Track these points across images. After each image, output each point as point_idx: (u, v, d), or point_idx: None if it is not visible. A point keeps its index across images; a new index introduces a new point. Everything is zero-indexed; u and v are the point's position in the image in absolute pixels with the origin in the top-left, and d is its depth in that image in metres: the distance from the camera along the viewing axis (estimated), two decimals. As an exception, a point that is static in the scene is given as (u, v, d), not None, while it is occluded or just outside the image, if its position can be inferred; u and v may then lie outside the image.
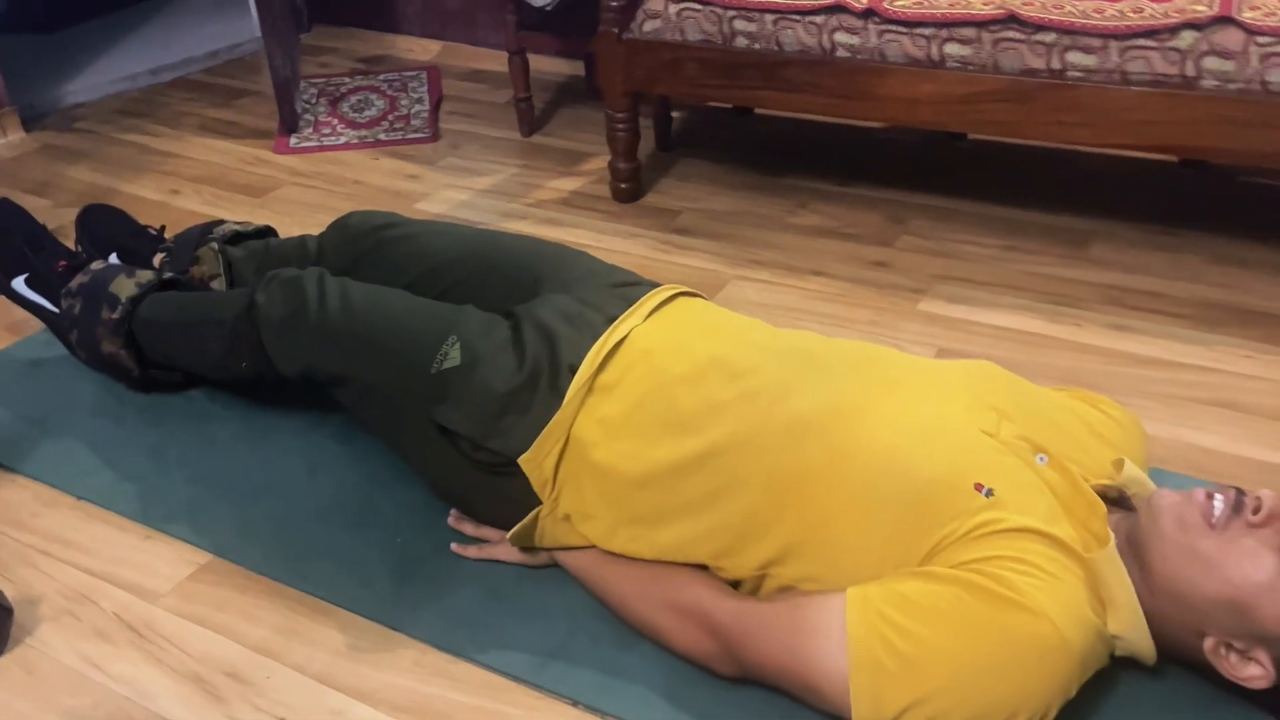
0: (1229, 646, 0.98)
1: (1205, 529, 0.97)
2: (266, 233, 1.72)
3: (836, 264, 1.95)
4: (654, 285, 1.34)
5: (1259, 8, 1.62)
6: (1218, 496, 0.99)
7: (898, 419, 1.08)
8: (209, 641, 1.17)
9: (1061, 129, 1.76)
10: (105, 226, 1.80)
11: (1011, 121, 1.78)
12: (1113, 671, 1.07)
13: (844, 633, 0.95)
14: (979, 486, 1.00)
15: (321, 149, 2.54)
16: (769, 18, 1.90)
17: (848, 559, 1.03)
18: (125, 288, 1.51)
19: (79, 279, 1.55)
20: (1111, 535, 1.01)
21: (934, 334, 1.72)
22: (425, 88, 2.91)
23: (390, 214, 1.58)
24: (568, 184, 2.33)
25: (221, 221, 1.73)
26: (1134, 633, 1.00)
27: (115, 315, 1.48)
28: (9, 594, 1.21)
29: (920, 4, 1.80)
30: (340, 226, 1.57)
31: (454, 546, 1.27)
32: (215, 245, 1.62)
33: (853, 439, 1.06)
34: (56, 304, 1.59)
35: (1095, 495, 1.05)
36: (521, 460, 1.16)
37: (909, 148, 2.39)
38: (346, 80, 2.98)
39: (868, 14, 1.82)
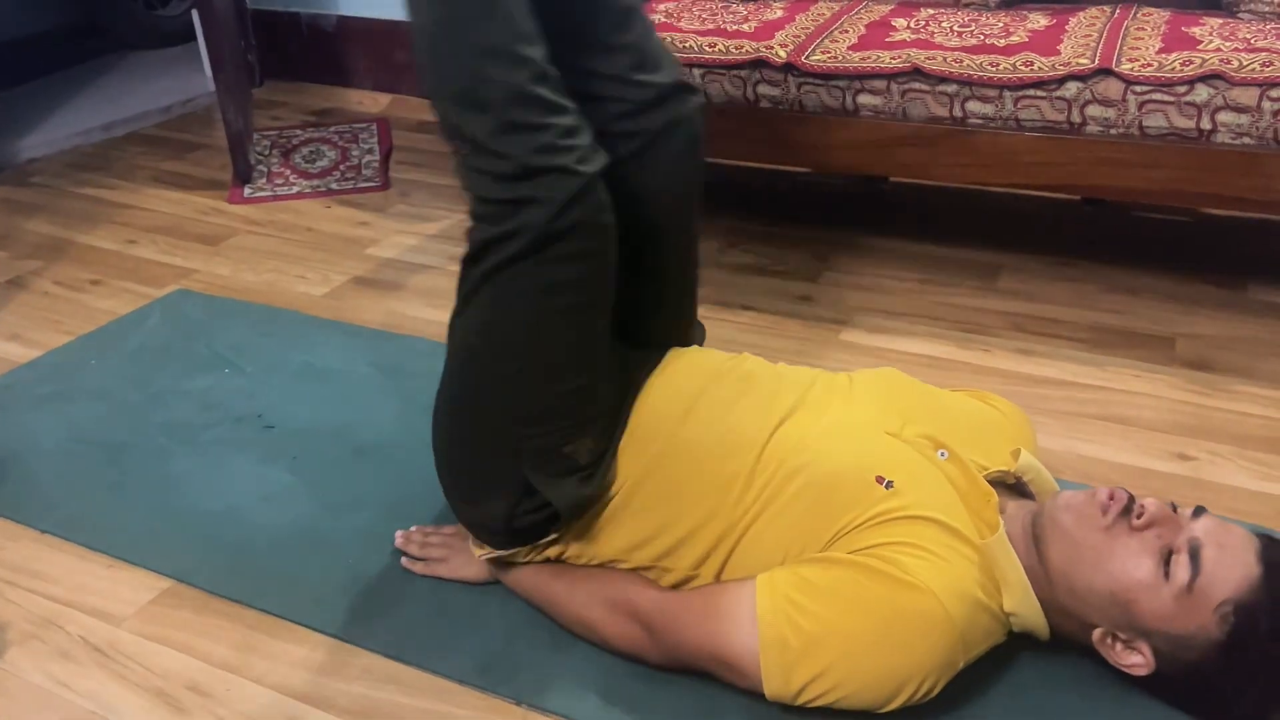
0: (1115, 637, 1.09)
1: (1097, 528, 1.08)
2: None
3: (764, 298, 2.08)
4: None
5: (1136, 60, 1.78)
6: (1112, 499, 1.10)
7: (813, 425, 1.20)
8: (171, 659, 1.24)
9: (965, 171, 1.91)
10: None
11: (919, 164, 1.93)
12: (1021, 653, 1.19)
13: (754, 615, 1.05)
14: (880, 479, 1.12)
15: (275, 199, 2.63)
16: (697, 72, 2.04)
17: (761, 550, 1.14)
18: None
19: None
20: (1001, 522, 1.12)
21: (854, 361, 1.84)
22: (375, 138, 3.02)
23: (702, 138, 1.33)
24: (512, 228, 2.44)
25: None
26: (1025, 608, 1.11)
27: None
28: (-24, 621, 1.28)
29: (834, 58, 1.95)
30: (674, 102, 1.28)
31: (404, 562, 1.35)
32: None
33: (776, 446, 1.17)
34: None
35: (988, 486, 1.16)
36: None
37: (833, 191, 2.54)
38: (299, 132, 3.08)
39: (787, 68, 1.97)
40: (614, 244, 1.16)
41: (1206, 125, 1.72)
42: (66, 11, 3.92)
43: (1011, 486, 1.24)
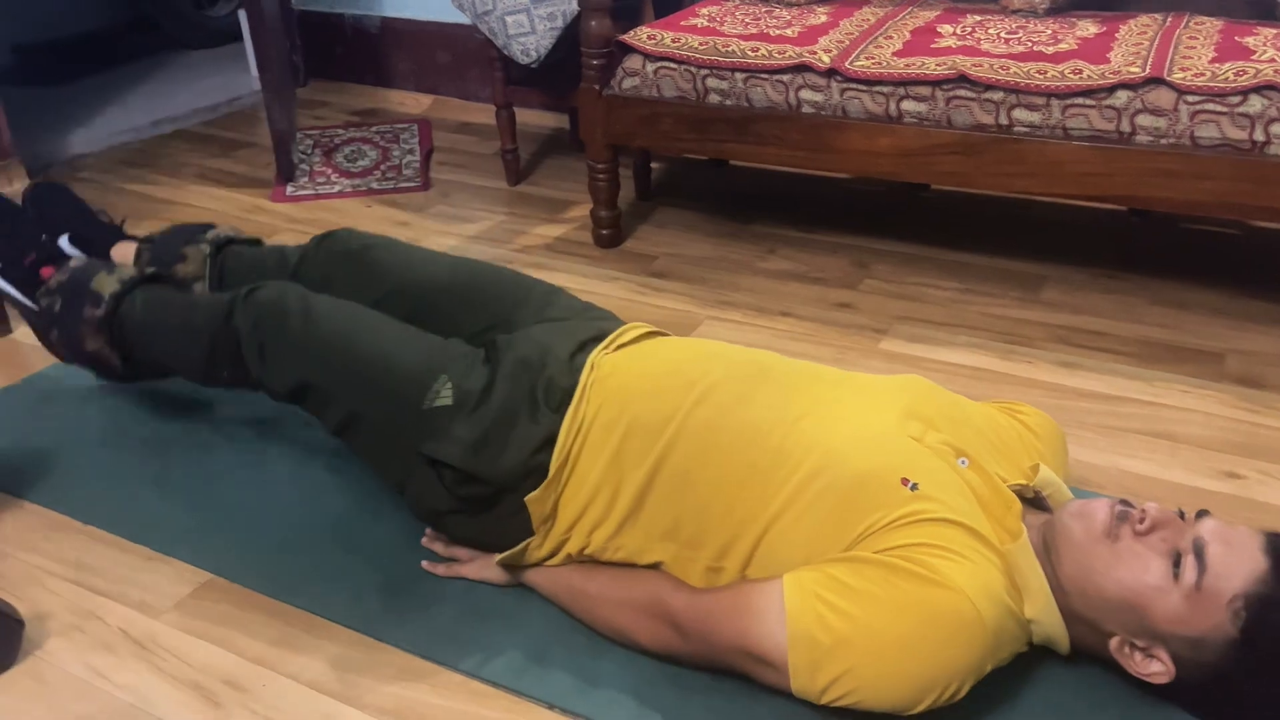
0: (1132, 645, 1.08)
1: (1104, 535, 1.09)
2: (256, 244, 1.74)
3: (803, 305, 2.06)
4: (623, 323, 1.45)
5: (1188, 69, 1.75)
6: (1117, 507, 1.10)
7: (837, 426, 1.19)
8: (208, 653, 1.25)
9: (1009, 180, 1.89)
10: (58, 207, 1.82)
11: (963, 173, 1.91)
12: (1040, 666, 1.17)
13: (783, 612, 1.05)
14: (905, 481, 1.11)
15: (316, 197, 2.66)
16: (739, 76, 2.04)
17: (785, 549, 1.14)
18: (108, 284, 1.54)
19: (57, 277, 1.58)
20: (1025, 529, 1.12)
21: (893, 370, 1.82)
22: (416, 139, 3.04)
23: (373, 235, 1.62)
24: (552, 230, 2.45)
25: (211, 226, 1.75)
26: (1047, 616, 1.11)
27: (99, 313, 1.52)
28: (21, 610, 1.29)
29: (879, 64, 1.93)
30: (328, 241, 1.61)
31: (425, 564, 1.36)
32: (206, 249, 1.66)
33: (796, 442, 1.17)
34: (32, 298, 1.64)
35: (1011, 494, 1.16)
36: (529, 499, 1.25)
37: (874, 197, 2.52)
38: (341, 132, 3.11)
39: (830, 73, 1.95)
40: (301, 292, 1.42)
41: (1260, 137, 1.69)
42: (120, 10, 3.99)
43: (1030, 500, 1.22)
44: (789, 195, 2.57)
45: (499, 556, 1.30)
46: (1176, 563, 1.05)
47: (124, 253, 1.78)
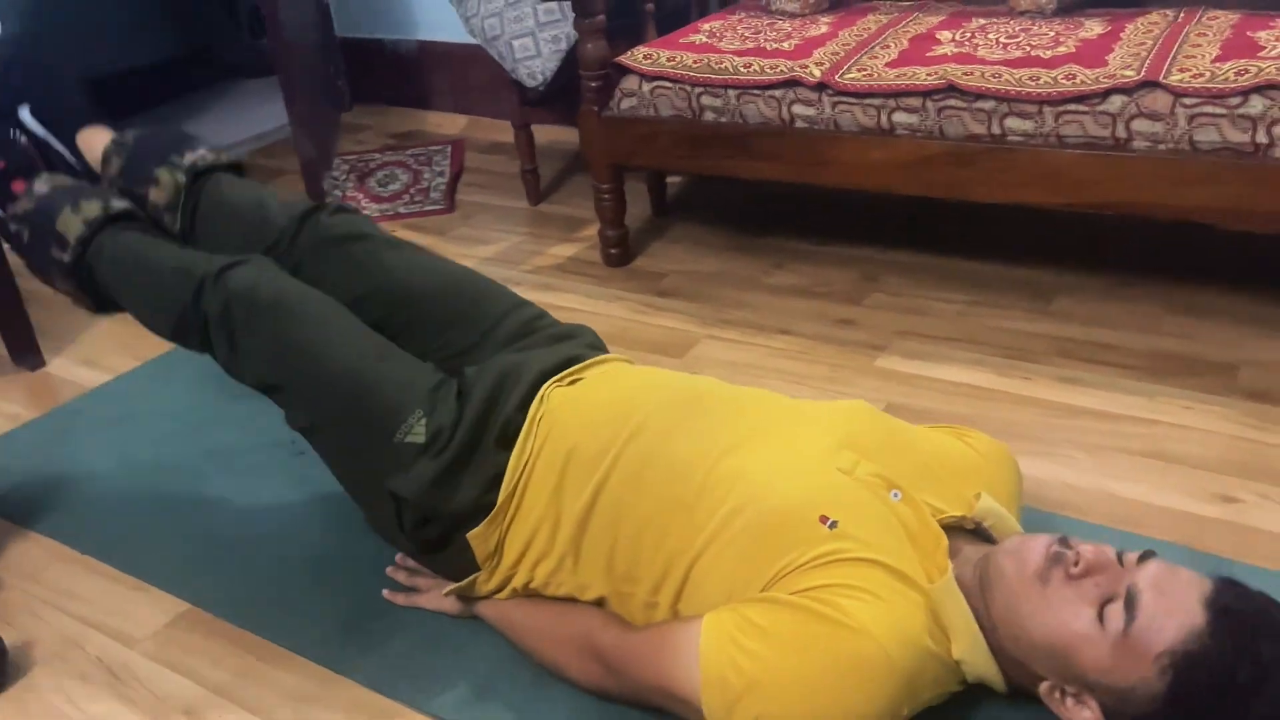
0: (1063, 691, 1.04)
1: (1035, 577, 1.04)
2: (238, 171, 1.65)
3: (804, 322, 2.04)
4: (601, 348, 1.45)
5: (1188, 69, 1.68)
6: (1052, 548, 1.05)
7: (764, 459, 1.17)
8: (173, 683, 1.31)
9: (1005, 190, 1.83)
10: (32, 79, 1.77)
11: (958, 184, 1.86)
12: (983, 706, 1.13)
13: (698, 654, 1.04)
14: (824, 519, 1.09)
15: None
16: (732, 93, 2.02)
17: (709, 586, 1.12)
18: (73, 226, 1.48)
19: (23, 204, 1.54)
20: (950, 566, 1.08)
21: (885, 389, 1.79)
22: (448, 161, 3.10)
23: (363, 225, 1.55)
24: (566, 250, 2.47)
25: (189, 139, 1.65)
26: (975, 656, 1.07)
27: (66, 258, 1.49)
28: (10, 638, 1.37)
29: (870, 76, 1.89)
30: (312, 223, 1.52)
31: (385, 593, 1.39)
32: (181, 178, 1.57)
33: (721, 477, 1.15)
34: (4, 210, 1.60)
35: (939, 529, 1.12)
36: (471, 536, 1.26)
37: (890, 206, 2.47)
38: (377, 156, 3.19)
39: (821, 87, 1.93)
40: (277, 285, 1.38)
41: (1263, 139, 1.60)
42: (181, 42, 4.15)
43: (974, 531, 1.18)
44: (804, 207, 2.54)
45: (448, 588, 1.32)
46: (1105, 609, 1.00)
47: (92, 143, 1.71)
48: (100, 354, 2.15)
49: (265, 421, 1.82)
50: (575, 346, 1.44)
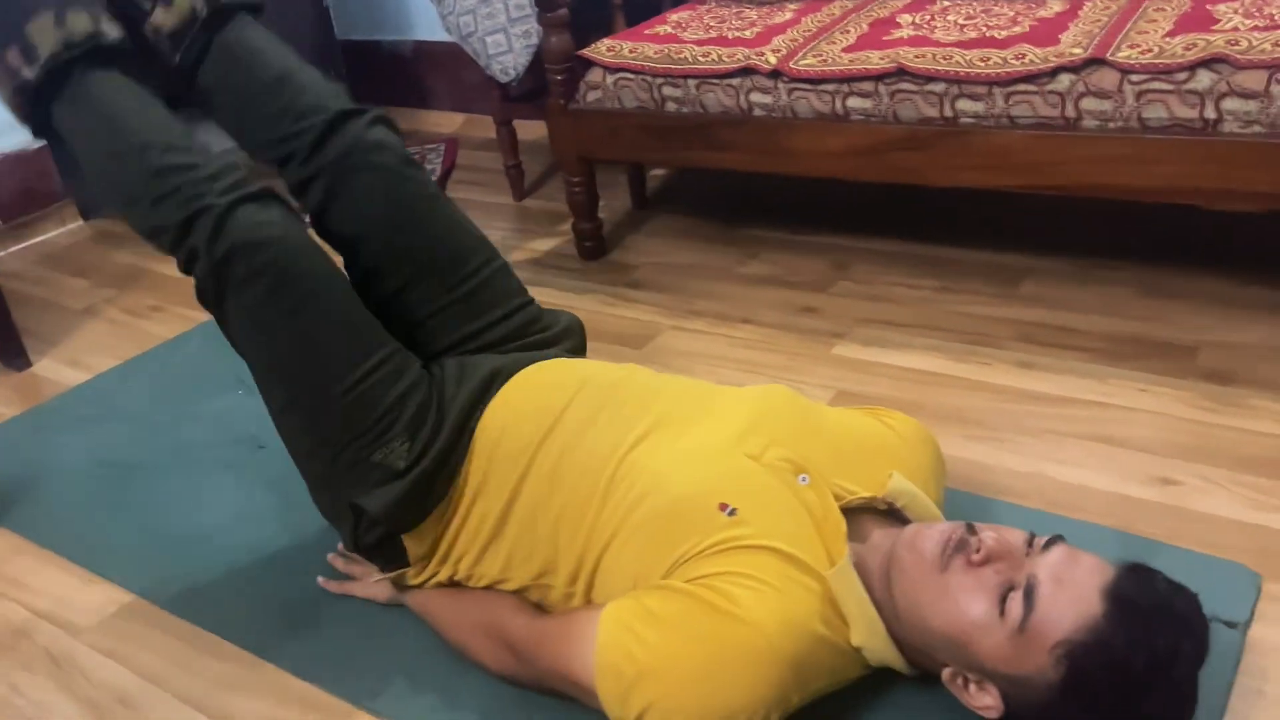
0: (965, 678, 1.03)
1: (935, 564, 1.03)
2: (257, 11, 1.44)
3: (767, 311, 2.03)
4: (568, 348, 1.44)
5: (1137, 45, 1.64)
6: (955, 535, 1.04)
7: (671, 447, 1.17)
8: (111, 672, 1.34)
9: (960, 173, 1.81)
10: None
11: (914, 168, 1.84)
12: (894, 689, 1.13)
13: (595, 642, 1.04)
14: (723, 506, 1.09)
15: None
16: (692, 83, 2.02)
17: (616, 574, 1.13)
18: (47, 38, 1.24)
19: None
20: (847, 553, 1.08)
21: (839, 376, 1.78)
22: (441, 159, 3.13)
23: (400, 149, 1.38)
24: (545, 244, 2.48)
25: None
26: (873, 643, 1.06)
27: (26, 76, 1.25)
28: (-36, 630, 1.42)
29: (825, 61, 1.88)
30: (343, 133, 1.34)
31: (320, 580, 1.41)
32: (201, 8, 1.35)
33: (630, 466, 1.16)
34: None
35: (839, 515, 1.11)
36: (406, 537, 1.27)
37: (866, 193, 2.44)
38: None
39: (775, 75, 1.92)
40: (293, 248, 1.23)
41: (1211, 114, 1.57)
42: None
43: (888, 513, 1.17)
44: (782, 197, 2.53)
45: (377, 577, 1.34)
46: (1005, 598, 0.98)
47: None
48: (84, 354, 2.21)
49: (228, 419, 1.88)
50: (556, 353, 1.42)
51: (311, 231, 1.34)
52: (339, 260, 1.36)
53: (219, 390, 1.98)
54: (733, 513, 1.09)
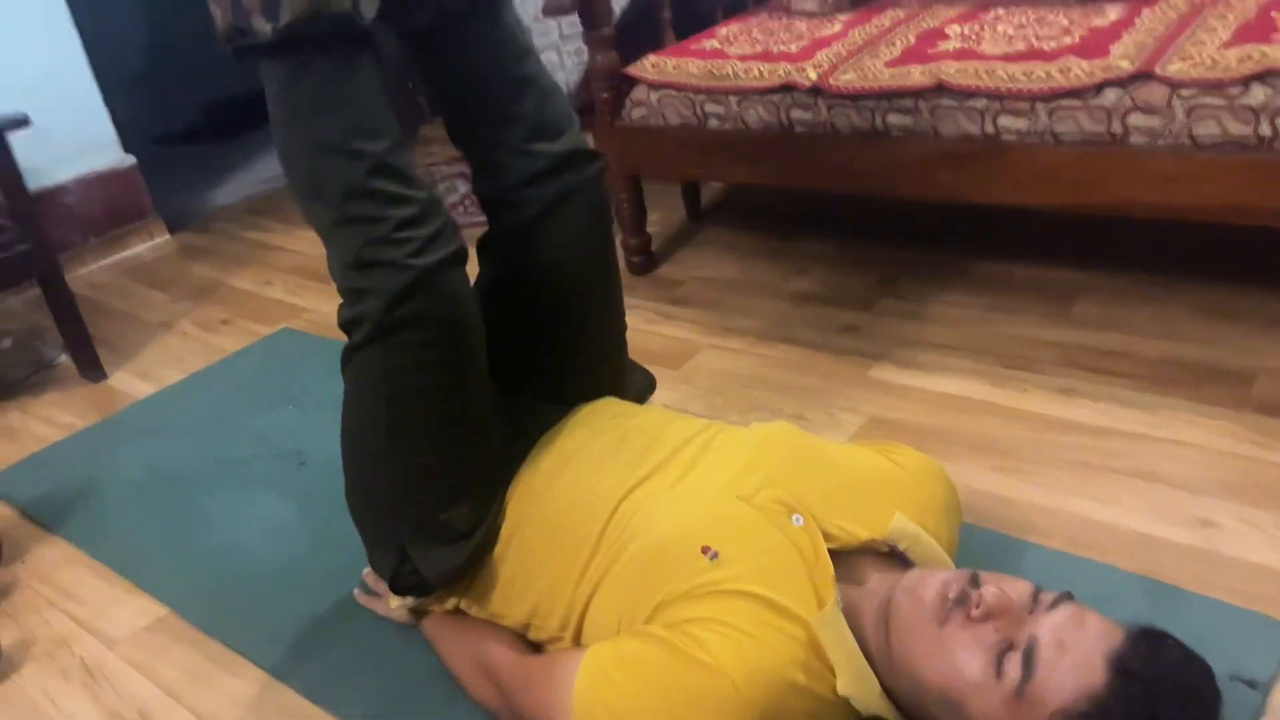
0: None
1: (933, 615, 0.99)
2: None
3: (808, 330, 1.99)
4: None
5: (1190, 58, 1.55)
6: (954, 586, 1.00)
7: (667, 490, 1.17)
8: (136, 683, 1.40)
9: (1001, 190, 1.74)
10: None
11: (954, 185, 1.78)
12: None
13: (574, 688, 1.04)
14: (705, 549, 1.07)
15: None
16: (733, 99, 2.00)
17: (602, 617, 1.13)
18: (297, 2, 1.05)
19: None
20: (834, 598, 1.04)
21: (871, 401, 1.73)
22: (506, 170, 3.16)
23: (607, 205, 1.36)
24: (597, 258, 2.49)
25: None
26: (863, 691, 1.03)
27: (256, 25, 1.08)
28: (13, 636, 1.50)
29: (865, 77, 1.84)
30: (571, 171, 1.30)
31: (355, 593, 1.45)
32: None
33: (624, 510, 1.16)
34: None
35: (827, 559, 1.08)
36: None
37: (919, 207, 2.38)
38: (443, 168, 3.28)
39: (815, 91, 1.88)
40: (467, 330, 1.17)
41: (1266, 131, 1.47)
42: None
43: (891, 555, 1.13)
44: (834, 210, 2.48)
45: (395, 603, 1.36)
46: (1003, 658, 0.94)
47: None
48: (155, 366, 2.31)
49: (275, 434, 1.94)
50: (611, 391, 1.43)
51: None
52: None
53: (271, 405, 2.05)
54: (715, 556, 1.07)
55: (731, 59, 2.03)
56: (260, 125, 3.89)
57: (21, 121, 2.04)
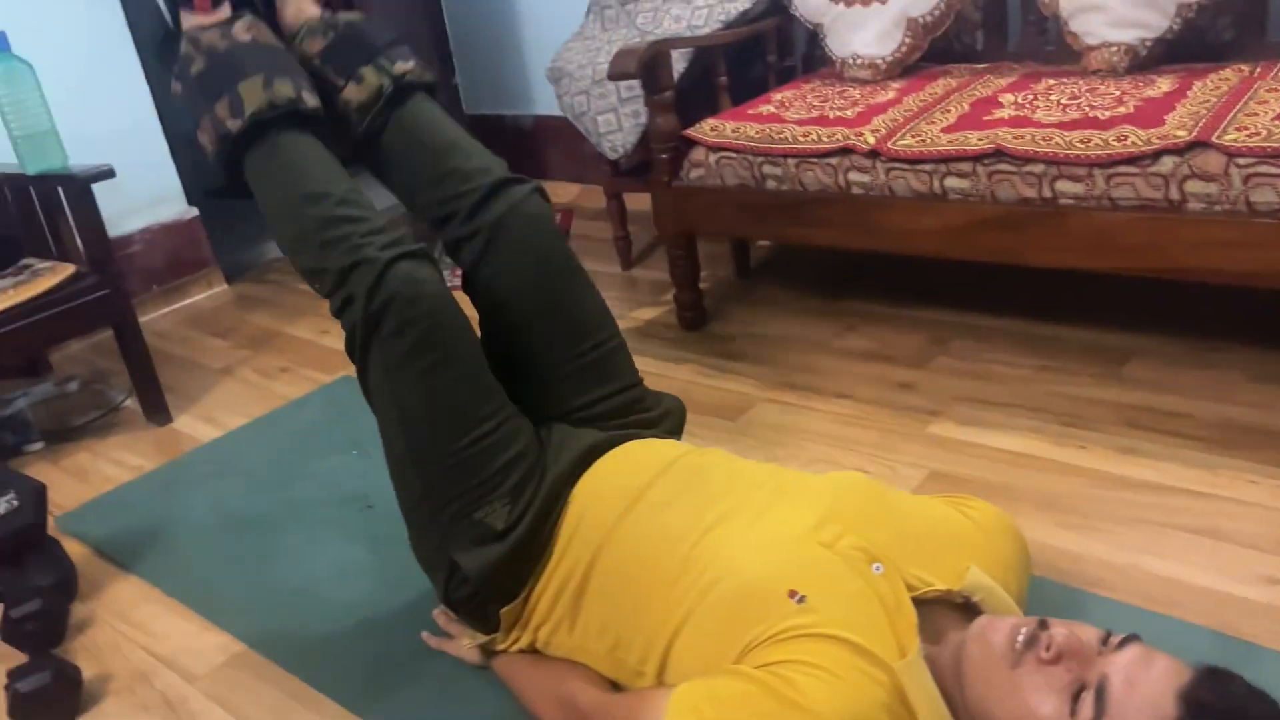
0: None
1: (1005, 659, 1.02)
2: (430, 91, 1.59)
3: (864, 386, 2.03)
4: (667, 429, 1.51)
5: (1245, 128, 1.61)
6: (1023, 630, 1.03)
7: (742, 533, 1.20)
8: (218, 718, 1.43)
9: (1058, 254, 1.79)
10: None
11: (1010, 248, 1.83)
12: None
13: None
14: (792, 593, 1.10)
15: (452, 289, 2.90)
16: (791, 161, 2.06)
17: (688, 657, 1.15)
18: (255, 97, 1.40)
19: (210, 37, 1.46)
20: (918, 646, 1.07)
21: (931, 456, 1.77)
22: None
23: (547, 216, 1.50)
24: (648, 313, 2.54)
25: (398, 44, 1.57)
26: None
27: (230, 127, 1.40)
28: (92, 671, 1.53)
29: (923, 142, 1.90)
30: (502, 196, 1.46)
31: (423, 635, 1.48)
32: (387, 83, 1.52)
33: (703, 551, 1.19)
34: (175, 19, 1.52)
35: (911, 606, 1.11)
36: (503, 612, 1.33)
37: (967, 267, 2.43)
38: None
39: (873, 155, 1.94)
40: (443, 308, 1.31)
41: (1323, 199, 1.52)
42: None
43: (965, 606, 1.16)
44: (884, 270, 2.53)
45: (467, 642, 1.40)
46: (1077, 697, 0.96)
47: (299, 6, 1.59)
48: (218, 411, 2.37)
49: (340, 478, 1.98)
50: (654, 434, 1.49)
51: (457, 292, 1.44)
52: (473, 316, 1.47)
53: (333, 450, 2.09)
54: (801, 600, 1.10)
55: (789, 123, 2.10)
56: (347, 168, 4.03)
57: (107, 174, 2.13)
